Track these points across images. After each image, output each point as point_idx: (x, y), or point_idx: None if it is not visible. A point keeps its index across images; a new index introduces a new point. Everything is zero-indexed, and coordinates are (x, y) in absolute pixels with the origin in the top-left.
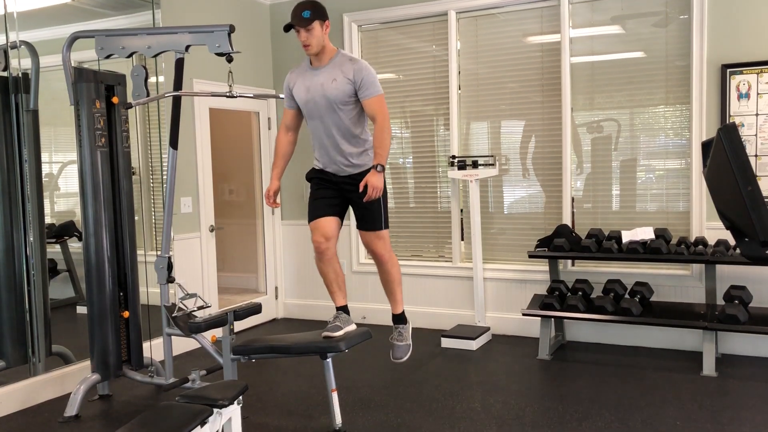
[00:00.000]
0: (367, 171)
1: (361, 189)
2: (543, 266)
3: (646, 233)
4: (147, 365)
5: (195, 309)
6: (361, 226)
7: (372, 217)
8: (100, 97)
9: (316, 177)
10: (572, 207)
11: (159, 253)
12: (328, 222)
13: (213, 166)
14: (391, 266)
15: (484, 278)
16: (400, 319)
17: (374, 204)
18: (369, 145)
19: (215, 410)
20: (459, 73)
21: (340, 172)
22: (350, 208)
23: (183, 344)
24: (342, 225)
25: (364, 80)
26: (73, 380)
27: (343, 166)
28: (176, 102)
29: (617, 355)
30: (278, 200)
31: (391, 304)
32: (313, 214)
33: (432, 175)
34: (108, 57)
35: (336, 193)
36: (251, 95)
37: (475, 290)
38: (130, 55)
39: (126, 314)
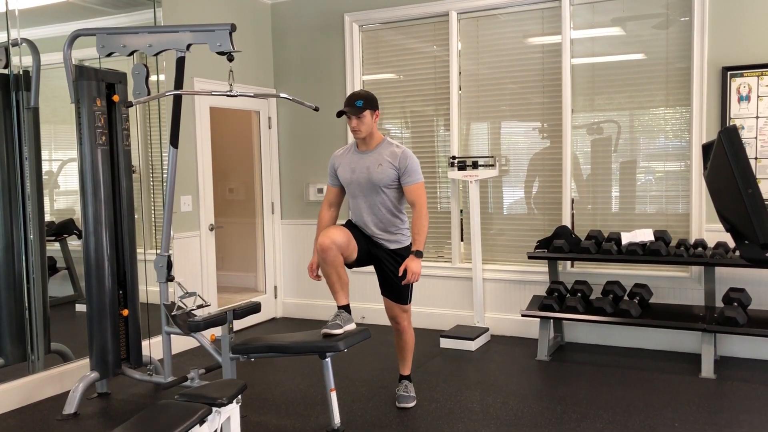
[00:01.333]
0: (404, 248)
1: (400, 273)
2: (542, 267)
3: (645, 235)
4: (146, 363)
5: (194, 308)
6: (386, 295)
7: (400, 291)
8: (101, 95)
9: (352, 225)
10: (572, 208)
11: (159, 251)
12: (342, 231)
13: (213, 165)
14: (408, 336)
15: (483, 279)
16: (407, 378)
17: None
18: (403, 226)
19: (214, 409)
20: (459, 73)
21: (374, 237)
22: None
23: (182, 343)
24: (354, 264)
25: (408, 168)
26: (71, 378)
27: (378, 239)
28: (177, 101)
29: (616, 356)
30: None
31: (400, 365)
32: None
33: (432, 176)
34: (109, 55)
35: (365, 238)
36: (252, 94)
37: (475, 291)
38: (131, 54)
39: (125, 312)
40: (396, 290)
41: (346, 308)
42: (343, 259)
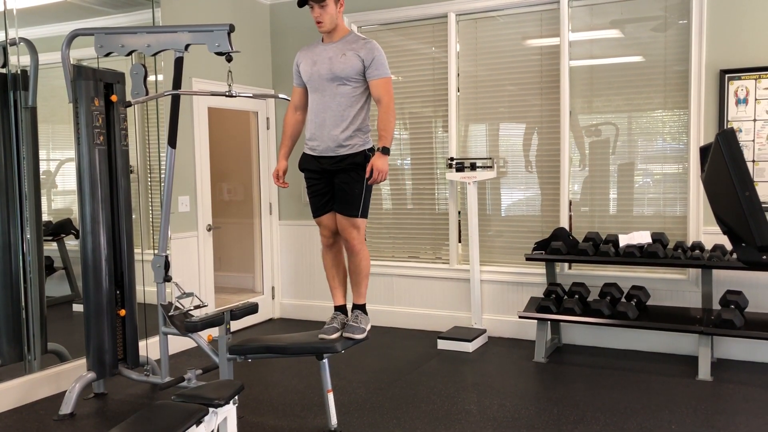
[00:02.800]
0: (354, 155)
1: (367, 173)
2: (540, 269)
3: (643, 237)
4: (143, 364)
5: (191, 308)
6: (338, 209)
7: (349, 200)
8: (99, 95)
9: (307, 169)
10: (570, 210)
11: (156, 251)
12: (329, 219)
13: (211, 165)
14: (361, 259)
15: (480, 280)
16: (360, 308)
17: (356, 188)
18: (362, 129)
19: (211, 410)
20: (458, 75)
21: (328, 152)
22: None
23: (179, 343)
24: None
25: (375, 60)
26: (68, 378)
27: (332, 144)
28: (175, 101)
29: (613, 358)
30: (285, 182)
31: (354, 293)
32: (314, 211)
33: (430, 177)
34: (107, 55)
35: (326, 186)
36: (250, 95)
37: (472, 292)
38: (130, 54)
39: (122, 312)
40: (345, 200)
41: (343, 309)
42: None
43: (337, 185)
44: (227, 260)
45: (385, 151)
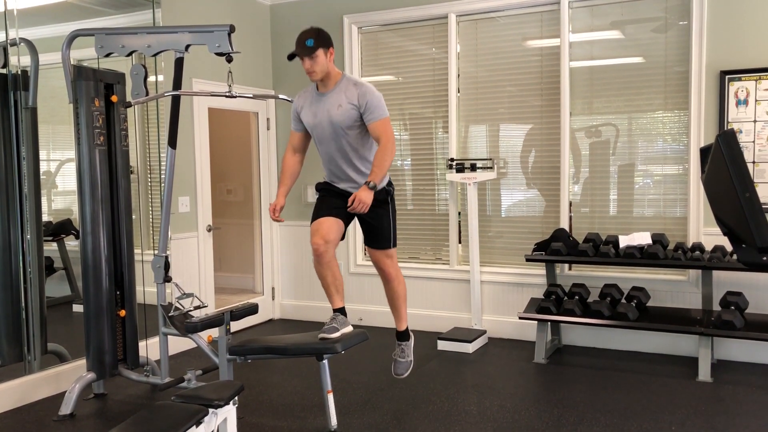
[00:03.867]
0: (378, 192)
1: (349, 202)
2: (540, 270)
3: (643, 238)
4: (143, 364)
5: (191, 309)
6: (369, 243)
7: (381, 236)
8: (100, 95)
9: (326, 188)
10: (570, 211)
11: (156, 252)
12: (330, 223)
13: (211, 165)
14: (397, 284)
15: (481, 281)
16: (403, 335)
17: (384, 223)
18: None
19: (211, 410)
20: (458, 76)
21: (348, 190)
22: (356, 222)
23: (179, 344)
24: (344, 232)
25: (369, 104)
26: (68, 379)
27: (351, 187)
28: (175, 101)
29: (613, 359)
30: (281, 217)
31: (395, 320)
32: (316, 214)
33: (430, 178)
34: (108, 55)
35: (342, 203)
36: (250, 95)
37: (472, 293)
38: (130, 54)
39: (122, 313)
40: (376, 235)
41: (342, 311)
42: (338, 236)
43: (364, 221)
44: (227, 261)
45: (372, 186)
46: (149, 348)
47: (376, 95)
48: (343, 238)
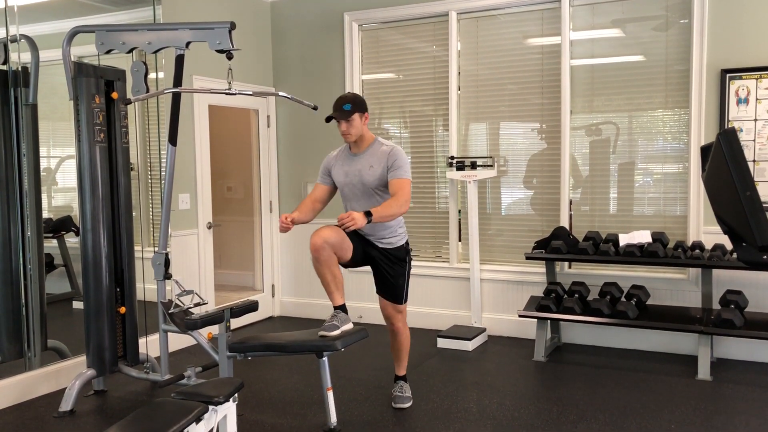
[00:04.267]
0: (398, 248)
1: (340, 216)
2: (540, 268)
3: (643, 237)
4: (143, 361)
5: (191, 306)
6: (381, 293)
7: (395, 291)
8: (100, 92)
9: None
10: (570, 209)
11: (156, 249)
12: (335, 231)
13: (211, 163)
14: (403, 338)
15: (480, 279)
16: (402, 378)
17: (399, 280)
18: (399, 226)
19: (210, 407)
20: (459, 73)
21: (373, 242)
22: (368, 267)
23: (179, 341)
24: (350, 264)
25: (396, 163)
26: (68, 375)
27: (373, 240)
28: (176, 98)
29: (613, 357)
30: (290, 226)
31: (396, 367)
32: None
33: (430, 176)
34: (108, 52)
35: (359, 239)
36: (251, 92)
37: (472, 291)
38: (131, 51)
39: (122, 310)
40: (391, 290)
41: (342, 308)
42: (337, 258)
43: (380, 273)
44: (227, 258)
45: (369, 216)
46: (149, 345)
47: (404, 157)
48: (347, 265)
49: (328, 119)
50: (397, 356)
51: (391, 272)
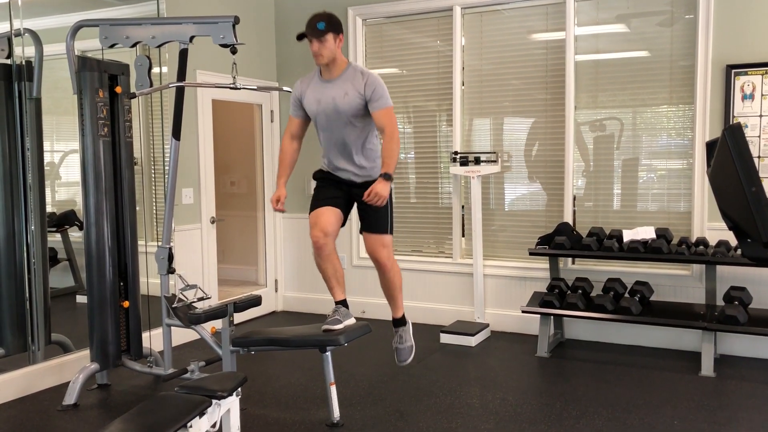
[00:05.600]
0: (372, 179)
1: (366, 197)
2: (543, 264)
3: (647, 233)
4: (146, 355)
5: (195, 300)
6: (365, 228)
7: (377, 221)
8: (104, 86)
9: (323, 177)
10: (573, 205)
11: (160, 243)
12: (329, 214)
13: (215, 157)
14: (393, 274)
15: (484, 275)
16: (400, 322)
17: (380, 209)
18: (378, 155)
19: (214, 401)
20: (463, 69)
21: (350, 179)
22: (354, 211)
23: (182, 335)
24: (344, 222)
25: (375, 92)
26: (72, 369)
27: (352, 176)
28: (179, 93)
29: (616, 353)
30: (284, 207)
31: (391, 308)
32: (315, 205)
33: (434, 171)
34: (112, 46)
35: (341, 192)
36: (254, 87)
37: (475, 287)
38: (134, 45)
39: (126, 304)
40: (373, 219)
41: (344, 303)
42: (337, 227)
43: (362, 207)
44: (230, 253)
45: (387, 177)
46: (152, 339)
47: (382, 84)
48: (343, 224)
49: (299, 37)
50: (389, 296)
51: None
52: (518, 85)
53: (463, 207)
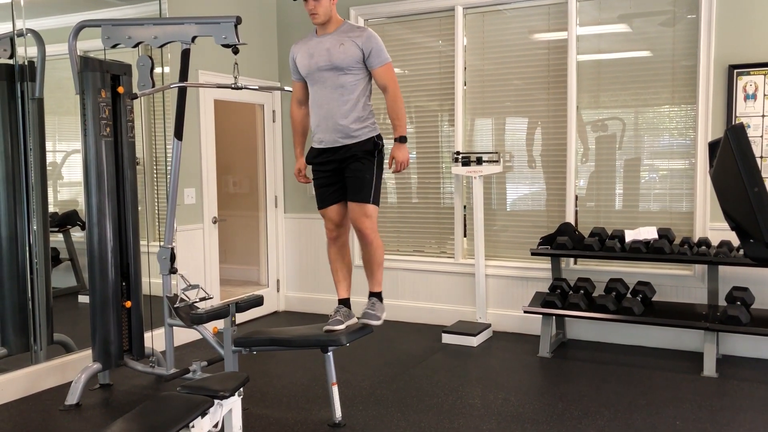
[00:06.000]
0: (366, 141)
1: (390, 166)
2: (545, 264)
3: (649, 233)
4: (148, 355)
5: (197, 300)
6: (349, 197)
7: (361, 186)
8: (106, 86)
9: (315, 162)
10: (575, 205)
11: (162, 243)
12: (335, 210)
13: (217, 157)
14: (375, 248)
15: (485, 275)
16: (377, 295)
17: (366, 174)
18: (367, 117)
19: (216, 401)
20: (465, 69)
21: (337, 143)
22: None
23: (184, 335)
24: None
25: (374, 48)
26: (74, 369)
27: (339, 138)
28: (181, 93)
29: (618, 354)
30: (309, 175)
31: (369, 282)
32: (320, 202)
33: (435, 171)
34: (114, 47)
35: (335, 177)
36: (256, 87)
37: (477, 287)
38: (136, 45)
39: (128, 304)
40: (358, 187)
41: (346, 303)
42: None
43: (348, 173)
44: (232, 253)
45: (402, 139)
46: (155, 339)
47: (380, 40)
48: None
49: None
50: (369, 269)
51: (359, 166)
52: (520, 85)
53: (465, 207)
